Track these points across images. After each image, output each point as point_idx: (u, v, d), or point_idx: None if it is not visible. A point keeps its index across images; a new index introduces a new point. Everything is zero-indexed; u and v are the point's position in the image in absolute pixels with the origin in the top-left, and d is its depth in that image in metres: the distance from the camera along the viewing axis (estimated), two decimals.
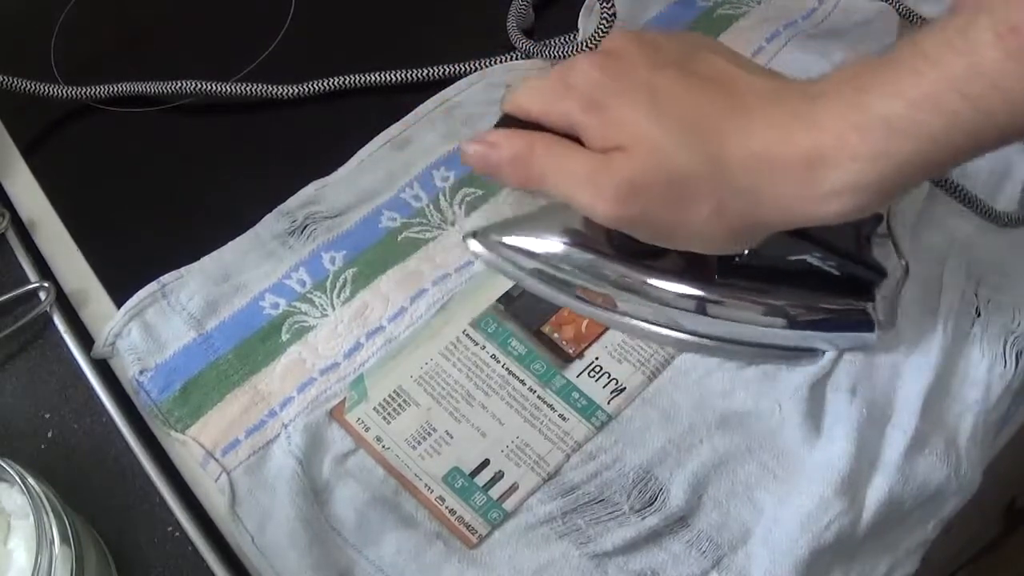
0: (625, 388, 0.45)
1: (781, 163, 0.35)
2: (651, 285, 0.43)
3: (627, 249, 0.43)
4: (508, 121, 0.40)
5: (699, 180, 0.36)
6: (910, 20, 0.57)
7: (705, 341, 0.44)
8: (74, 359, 0.47)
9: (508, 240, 0.45)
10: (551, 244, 0.44)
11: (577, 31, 0.58)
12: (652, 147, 0.36)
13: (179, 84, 0.57)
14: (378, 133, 0.54)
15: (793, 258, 0.40)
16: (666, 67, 0.37)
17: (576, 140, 0.38)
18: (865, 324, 0.42)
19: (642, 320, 0.44)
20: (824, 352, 0.44)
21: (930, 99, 0.32)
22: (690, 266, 0.42)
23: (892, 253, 0.43)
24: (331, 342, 0.47)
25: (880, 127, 0.33)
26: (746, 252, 0.41)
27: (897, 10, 0.57)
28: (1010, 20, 0.31)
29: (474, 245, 0.45)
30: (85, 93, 0.57)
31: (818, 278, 0.41)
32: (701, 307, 0.42)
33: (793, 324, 0.42)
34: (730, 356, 0.45)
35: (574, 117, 0.38)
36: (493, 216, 0.49)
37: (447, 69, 0.57)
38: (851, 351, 0.44)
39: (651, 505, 0.42)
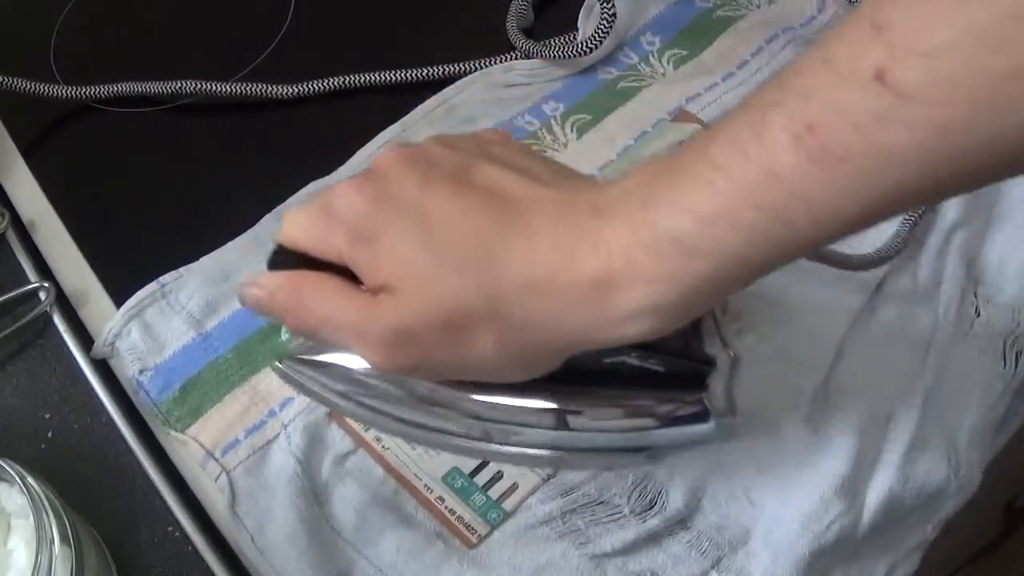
0: None
1: (566, 288, 0.31)
2: (464, 400, 0.38)
3: None
4: (282, 254, 0.36)
5: (475, 315, 0.32)
6: None
7: (530, 451, 0.40)
8: (74, 359, 0.47)
9: (317, 358, 0.40)
10: (361, 362, 0.38)
11: (577, 31, 0.58)
12: (421, 285, 0.32)
13: (179, 84, 0.57)
14: (378, 133, 0.54)
15: (609, 360, 0.37)
16: (438, 184, 0.33)
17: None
18: (700, 416, 0.38)
19: (463, 437, 0.40)
20: (662, 449, 0.41)
21: (722, 215, 0.29)
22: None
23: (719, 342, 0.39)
24: None
25: (671, 247, 0.30)
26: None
27: None
28: (807, 116, 0.27)
29: (280, 368, 0.40)
30: (85, 93, 0.57)
31: (641, 376, 0.38)
32: (517, 418, 0.38)
33: (621, 426, 0.39)
34: (560, 466, 0.42)
35: (344, 252, 0.34)
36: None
37: (447, 69, 0.57)
38: (689, 446, 0.41)
39: (651, 508, 0.42)
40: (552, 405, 0.37)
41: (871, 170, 0.27)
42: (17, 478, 0.36)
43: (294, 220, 0.36)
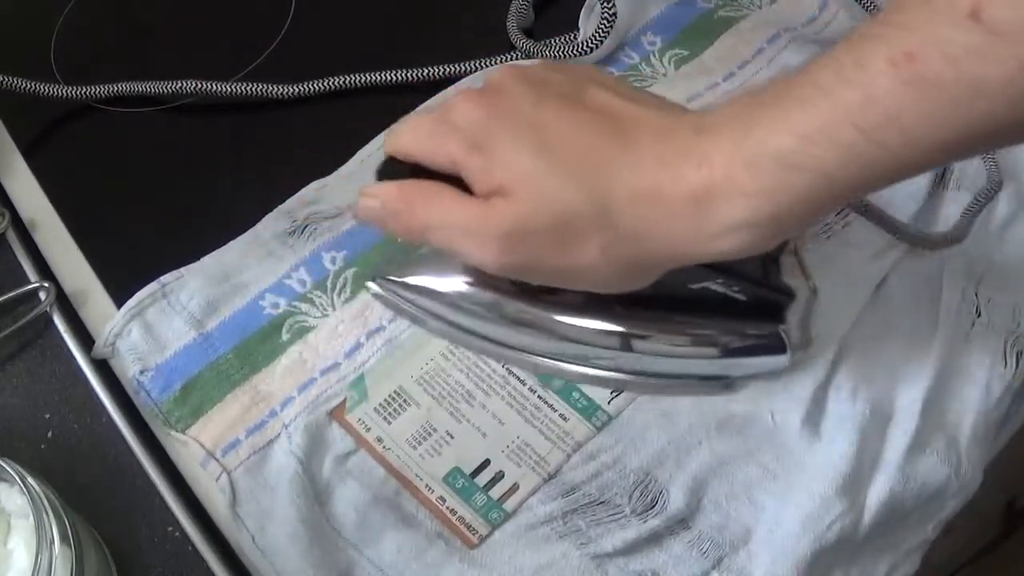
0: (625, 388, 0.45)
1: (670, 201, 0.33)
2: (552, 321, 0.40)
3: (526, 286, 0.40)
4: (392, 164, 0.38)
5: (585, 222, 0.34)
6: None
7: (612, 374, 0.42)
8: (74, 359, 0.47)
9: (408, 280, 0.42)
10: (451, 283, 0.41)
11: (577, 31, 0.58)
12: (535, 190, 0.34)
13: (179, 84, 0.57)
14: (378, 133, 0.54)
15: (695, 286, 0.39)
16: (552, 101, 0.36)
17: (462, 183, 0.36)
18: (777, 348, 0.40)
19: (547, 357, 0.42)
20: (737, 379, 0.43)
21: (823, 132, 0.31)
22: (591, 300, 0.40)
23: (800, 274, 0.41)
24: (332, 342, 0.47)
25: (771, 162, 0.32)
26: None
27: None
28: (904, 46, 0.29)
29: (374, 288, 0.43)
30: (85, 93, 0.57)
31: (724, 304, 0.40)
32: (603, 341, 0.40)
33: (702, 353, 0.41)
34: (641, 390, 0.43)
35: (457, 159, 0.36)
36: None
37: (447, 69, 0.57)
38: (764, 375, 0.43)
39: (652, 508, 0.42)
40: (635, 329, 0.39)
41: (961, 98, 0.29)
42: (17, 478, 0.36)
43: (408, 129, 0.38)
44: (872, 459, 0.42)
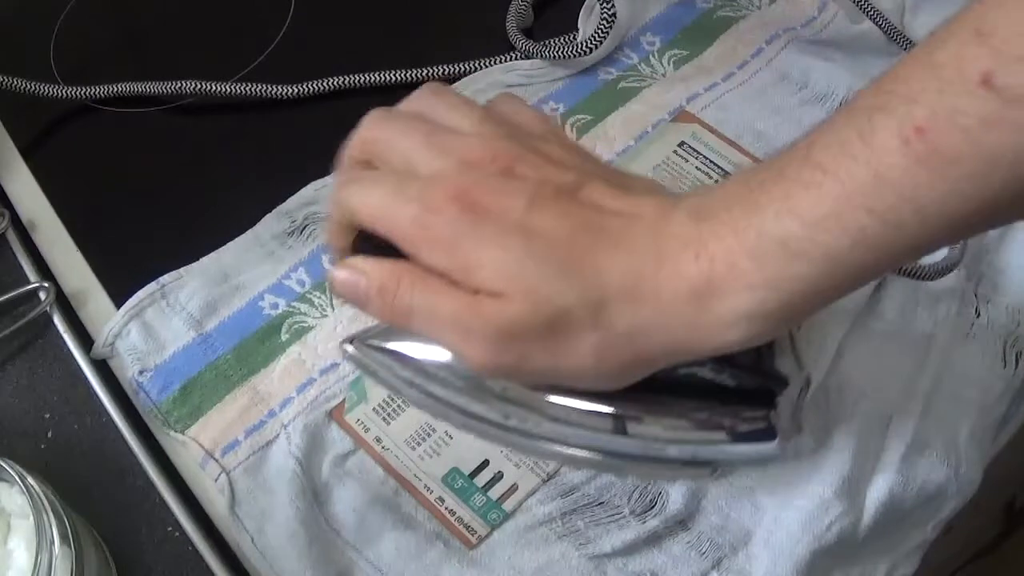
0: None
1: (666, 297, 0.31)
2: (536, 401, 0.38)
3: None
4: (368, 239, 0.35)
5: (579, 324, 0.32)
6: (897, 42, 0.56)
7: (594, 456, 0.40)
8: (74, 359, 0.47)
9: (388, 346, 0.39)
10: (434, 352, 0.38)
11: (577, 31, 0.58)
12: (526, 291, 0.32)
13: (179, 84, 0.57)
14: None
15: (683, 371, 0.37)
16: (547, 203, 0.33)
17: None
18: (766, 436, 0.38)
19: (530, 436, 0.40)
20: (728, 465, 0.41)
21: (831, 217, 0.29)
22: None
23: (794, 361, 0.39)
24: (331, 342, 0.47)
25: (777, 251, 0.30)
26: None
27: (883, 30, 0.56)
28: (914, 119, 0.27)
29: (350, 350, 0.40)
30: (85, 93, 0.57)
31: (712, 390, 0.38)
32: (586, 422, 0.38)
33: (688, 438, 0.39)
34: (624, 472, 0.42)
35: (439, 267, 0.33)
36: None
37: (447, 69, 0.57)
38: (754, 465, 0.41)
39: (651, 509, 0.42)
40: (620, 411, 0.37)
41: (980, 172, 0.27)
42: (17, 478, 0.36)
43: (360, 197, 0.35)
44: (872, 459, 0.42)
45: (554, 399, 0.37)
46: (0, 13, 0.65)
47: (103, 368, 0.47)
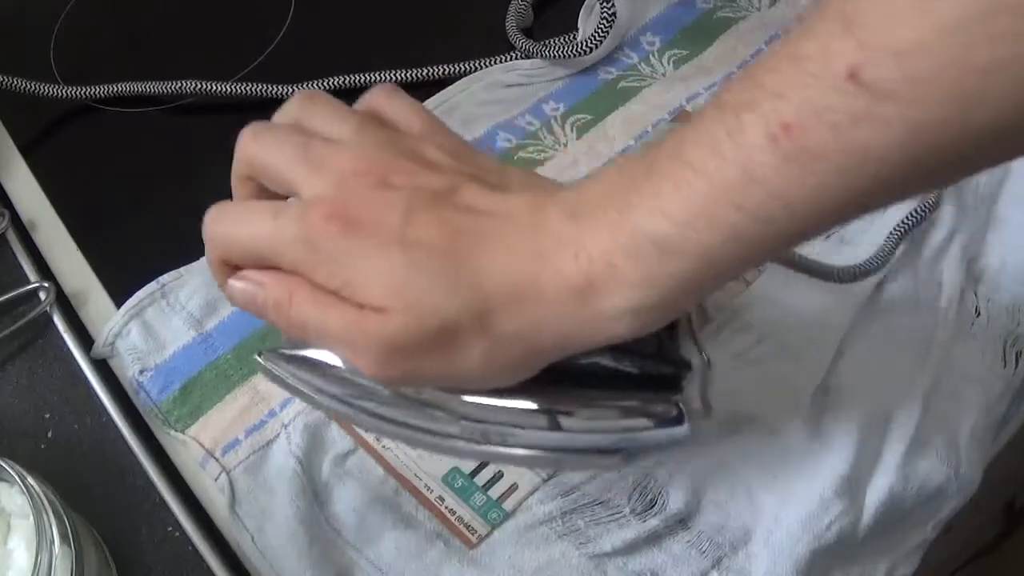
0: None
1: (548, 296, 0.31)
2: (442, 399, 0.38)
3: None
4: None
5: (464, 331, 0.32)
6: None
7: (507, 450, 0.39)
8: (74, 359, 0.47)
9: (298, 353, 0.39)
10: (341, 359, 0.38)
11: (577, 31, 0.58)
12: (408, 304, 0.32)
13: (179, 84, 0.57)
14: None
15: (584, 361, 0.37)
16: (422, 213, 0.32)
17: None
18: (675, 419, 0.38)
19: (442, 436, 0.39)
20: (639, 452, 0.41)
21: (702, 216, 0.29)
22: None
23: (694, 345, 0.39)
24: None
25: (651, 250, 0.30)
26: None
27: None
28: (781, 115, 0.27)
29: (260, 362, 0.39)
30: (85, 93, 0.57)
31: (617, 379, 0.38)
32: (492, 417, 0.38)
33: (596, 427, 0.39)
34: (535, 464, 0.42)
35: (326, 283, 0.33)
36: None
37: (447, 69, 0.57)
38: (666, 448, 0.41)
39: (651, 508, 0.42)
40: (529, 405, 0.37)
41: (849, 168, 0.27)
42: (17, 478, 0.36)
43: (232, 217, 0.35)
44: (872, 459, 0.42)
45: (460, 397, 0.37)
46: (0, 13, 0.65)
47: (103, 368, 0.47)
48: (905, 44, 0.25)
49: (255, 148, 0.37)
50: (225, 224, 0.36)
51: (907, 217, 0.48)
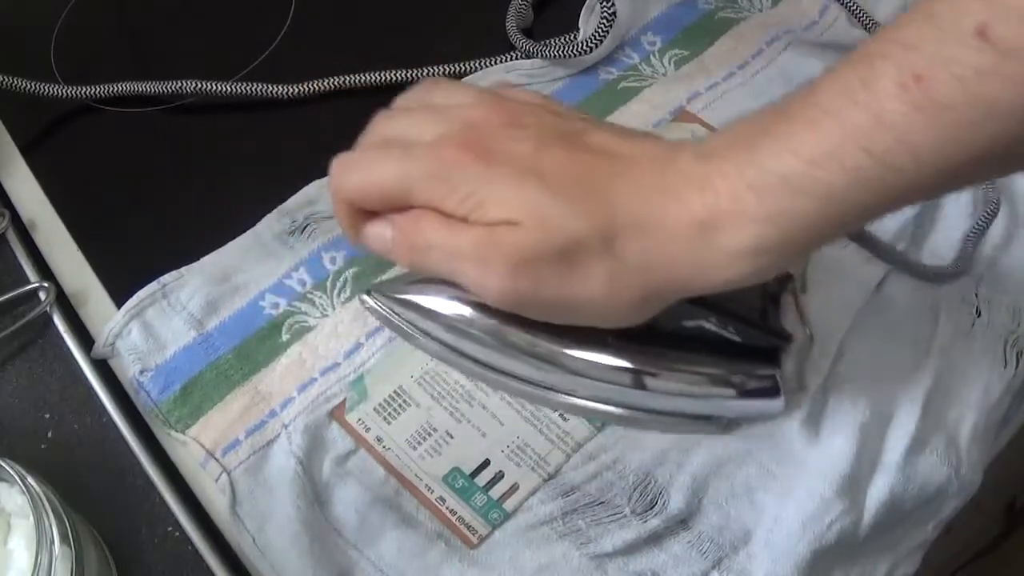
0: None
1: (673, 229, 0.33)
2: (549, 351, 0.39)
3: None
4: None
5: (591, 253, 0.33)
6: None
7: (604, 407, 0.41)
8: (74, 359, 0.47)
9: (406, 298, 0.40)
10: (451, 305, 0.39)
11: (577, 30, 0.58)
12: (540, 220, 0.33)
13: (179, 84, 0.57)
14: None
15: (689, 324, 0.38)
16: (552, 145, 0.35)
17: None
18: (771, 392, 0.39)
19: (541, 386, 0.41)
20: (736, 420, 0.42)
21: (831, 156, 0.30)
22: (586, 332, 0.38)
23: (798, 318, 0.39)
24: (331, 342, 0.47)
25: (778, 186, 0.31)
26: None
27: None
28: (914, 67, 0.28)
29: (368, 301, 0.40)
30: (85, 93, 0.57)
31: (719, 344, 0.39)
32: (596, 373, 0.39)
33: (695, 392, 0.40)
34: (632, 425, 0.42)
35: (457, 211, 0.34)
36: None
37: (447, 69, 0.57)
38: (758, 419, 0.42)
39: (652, 508, 0.42)
40: (629, 364, 0.38)
41: (974, 120, 0.28)
42: (17, 478, 0.36)
43: (362, 169, 0.36)
44: (872, 459, 0.42)
45: (563, 349, 0.38)
46: (0, 13, 0.65)
47: (103, 368, 0.47)
48: None
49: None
50: (353, 173, 0.37)
51: (976, 224, 0.48)
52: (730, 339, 0.38)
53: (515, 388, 0.41)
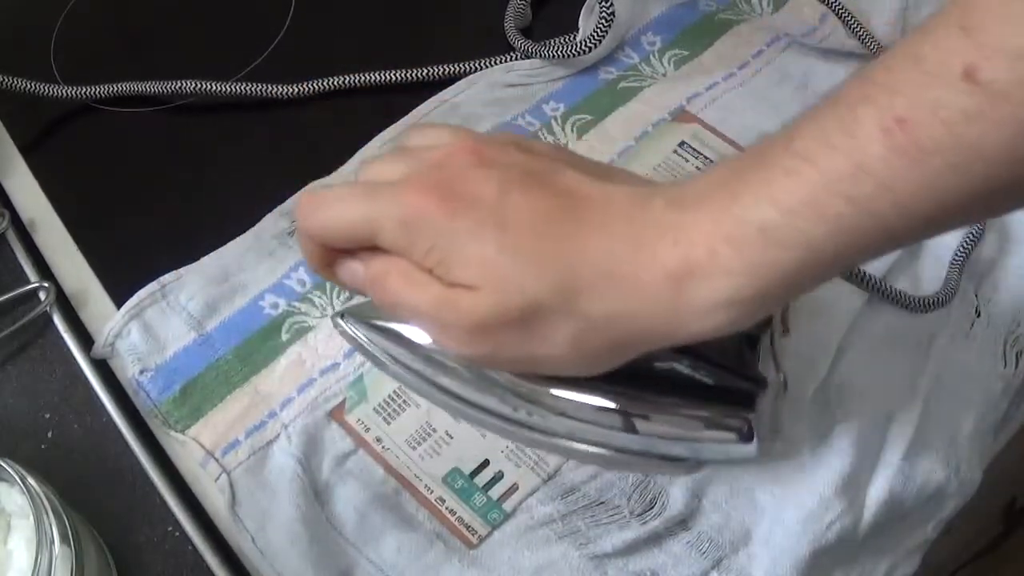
0: None
1: (644, 281, 0.31)
2: (519, 386, 0.38)
3: None
4: None
5: (550, 312, 0.32)
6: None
7: (574, 445, 0.40)
8: (74, 359, 0.47)
9: (381, 324, 0.39)
10: (418, 334, 0.39)
11: (577, 31, 0.58)
12: (497, 281, 0.32)
13: (179, 84, 0.57)
14: (378, 133, 0.54)
15: (660, 365, 0.37)
16: (517, 188, 0.33)
17: None
18: (744, 436, 0.38)
19: (511, 422, 0.40)
20: (702, 462, 0.42)
21: (810, 205, 0.29)
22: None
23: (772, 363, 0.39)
24: (331, 342, 0.47)
25: (756, 238, 0.30)
26: None
27: (873, 52, 0.56)
28: (895, 110, 0.27)
29: (341, 326, 0.40)
30: (85, 93, 0.57)
31: (693, 387, 0.38)
32: (566, 410, 0.38)
33: (666, 433, 0.39)
34: (602, 464, 0.42)
35: (423, 262, 0.33)
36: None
37: (447, 69, 0.57)
38: (729, 463, 0.42)
39: (651, 508, 0.42)
40: (600, 403, 0.37)
41: (959, 165, 0.27)
42: (17, 478, 0.36)
43: (334, 206, 0.35)
44: (872, 459, 0.42)
45: (532, 385, 0.37)
46: (0, 13, 0.65)
47: (103, 368, 0.47)
48: (1021, 46, 0.26)
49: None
50: (319, 211, 0.35)
51: (960, 249, 0.48)
52: (704, 382, 0.37)
53: (488, 423, 0.40)
